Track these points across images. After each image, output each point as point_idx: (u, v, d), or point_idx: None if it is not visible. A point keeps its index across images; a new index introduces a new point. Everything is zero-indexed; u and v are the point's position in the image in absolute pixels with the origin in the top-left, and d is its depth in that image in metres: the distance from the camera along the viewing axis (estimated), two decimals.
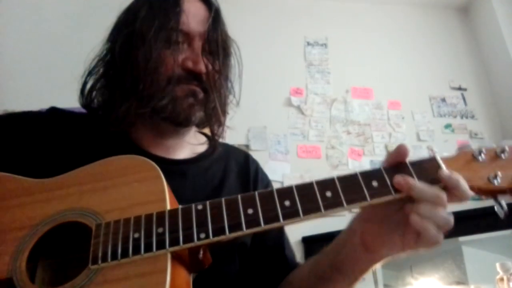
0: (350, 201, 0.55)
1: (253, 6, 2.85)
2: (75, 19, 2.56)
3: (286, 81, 2.72)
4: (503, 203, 0.56)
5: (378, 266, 0.65)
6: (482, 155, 0.58)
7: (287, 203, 0.55)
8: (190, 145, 0.84)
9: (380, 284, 1.93)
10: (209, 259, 0.58)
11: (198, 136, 0.89)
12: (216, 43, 0.76)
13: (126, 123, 0.74)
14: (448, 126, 2.74)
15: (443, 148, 2.65)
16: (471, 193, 0.55)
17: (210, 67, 0.75)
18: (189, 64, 0.73)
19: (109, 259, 0.53)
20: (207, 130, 0.89)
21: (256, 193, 0.57)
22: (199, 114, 0.75)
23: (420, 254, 0.60)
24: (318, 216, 0.55)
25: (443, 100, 2.83)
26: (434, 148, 2.65)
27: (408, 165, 0.58)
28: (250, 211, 0.55)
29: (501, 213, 0.56)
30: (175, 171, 0.76)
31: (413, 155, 0.56)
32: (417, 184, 0.55)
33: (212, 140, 0.86)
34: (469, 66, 2.96)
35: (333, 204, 0.55)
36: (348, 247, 0.65)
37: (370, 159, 2.57)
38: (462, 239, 2.12)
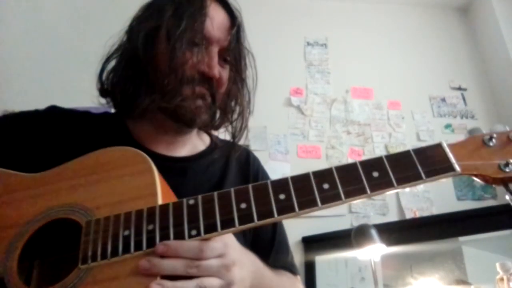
0: (348, 194, 0.51)
1: (253, 6, 2.85)
2: (75, 18, 2.56)
3: (286, 81, 2.72)
4: None
5: (378, 263, 0.62)
6: (493, 140, 0.53)
7: (282, 196, 0.52)
8: (191, 142, 0.85)
9: (380, 284, 1.93)
10: None
11: (200, 134, 0.90)
12: (237, 55, 0.79)
13: (146, 114, 0.76)
14: (448, 126, 2.74)
15: None
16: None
17: (222, 74, 0.77)
18: (204, 68, 0.74)
19: (99, 258, 0.51)
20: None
21: (250, 186, 0.54)
22: (204, 117, 0.76)
23: (420, 253, 0.58)
24: (315, 210, 0.51)
25: (443, 100, 2.83)
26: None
27: (412, 153, 0.53)
28: (243, 205, 0.52)
29: None
30: (176, 168, 0.76)
31: None
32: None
33: (214, 137, 0.87)
34: (469, 66, 2.96)
35: (331, 197, 0.51)
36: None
37: None
38: (462, 239, 2.12)
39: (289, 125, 2.60)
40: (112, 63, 0.82)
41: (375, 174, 0.52)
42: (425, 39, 2.99)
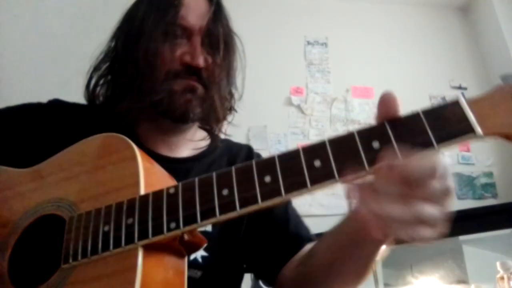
0: (343, 171, 0.41)
1: (253, 6, 2.85)
2: (76, 17, 2.56)
3: (286, 80, 2.72)
4: None
5: (379, 262, 0.60)
6: None
7: (267, 179, 0.44)
8: (192, 142, 0.83)
9: (380, 283, 1.93)
10: (201, 239, 0.52)
11: (201, 132, 0.88)
12: (217, 37, 0.74)
13: (129, 118, 0.73)
14: None
15: None
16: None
17: (210, 61, 0.73)
18: (187, 59, 0.71)
19: (79, 257, 0.48)
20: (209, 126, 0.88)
21: (233, 168, 0.46)
22: (198, 110, 0.73)
23: (421, 252, 0.54)
24: (303, 192, 0.43)
25: (443, 99, 2.83)
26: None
27: (421, 115, 0.43)
28: (225, 192, 0.45)
29: None
30: (179, 169, 0.74)
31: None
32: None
33: (216, 136, 0.85)
34: (469, 66, 2.96)
35: (322, 177, 0.42)
36: (350, 224, 0.57)
37: None
38: (462, 238, 2.12)
39: (289, 124, 2.61)
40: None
41: (376, 144, 0.42)
42: (425, 39, 2.99)
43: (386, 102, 0.46)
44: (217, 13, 0.76)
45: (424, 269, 2.12)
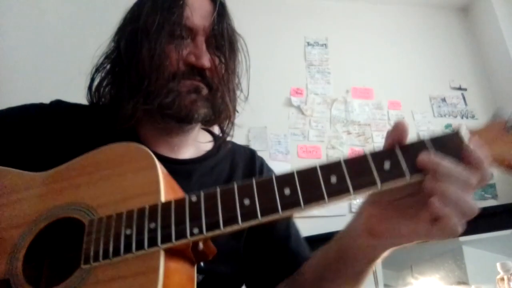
0: (357, 187, 0.47)
1: (253, 6, 2.85)
2: (76, 17, 2.56)
3: (286, 81, 2.72)
4: None
5: (379, 263, 0.61)
6: None
7: (287, 191, 0.49)
8: (196, 143, 0.83)
9: (380, 284, 1.93)
10: (213, 249, 0.55)
11: (203, 134, 0.88)
12: (222, 37, 0.75)
13: (134, 120, 0.73)
14: (448, 126, 2.74)
15: None
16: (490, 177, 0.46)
17: (216, 61, 0.74)
18: (192, 59, 0.72)
19: (100, 258, 0.50)
20: (212, 127, 0.88)
21: (254, 181, 0.51)
22: (203, 111, 0.73)
23: (421, 253, 0.56)
24: (321, 205, 0.48)
25: (444, 100, 2.83)
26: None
27: (426, 143, 0.48)
28: (246, 201, 0.50)
29: None
30: (181, 170, 0.75)
31: None
32: (444, 161, 0.46)
33: (219, 137, 0.85)
34: (469, 66, 2.96)
35: (338, 191, 0.48)
36: (352, 231, 0.58)
37: None
38: (462, 238, 2.12)
39: (289, 125, 2.60)
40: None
41: (387, 165, 0.48)
42: (425, 39, 2.99)
43: (398, 130, 0.50)
44: (221, 14, 0.76)
45: (424, 270, 2.12)
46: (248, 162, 0.87)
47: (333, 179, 0.48)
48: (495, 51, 2.86)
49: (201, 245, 0.53)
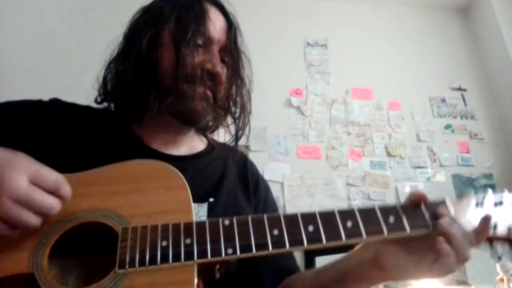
0: (369, 233, 0.59)
1: (253, 7, 2.85)
2: (76, 18, 2.56)
3: (286, 81, 2.72)
4: (499, 249, 0.62)
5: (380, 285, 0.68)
6: (484, 203, 0.64)
7: (310, 228, 0.58)
8: (189, 142, 0.86)
9: (380, 284, 1.93)
10: (223, 271, 0.59)
11: (198, 135, 0.91)
12: (232, 53, 0.81)
13: (148, 114, 0.77)
14: (448, 126, 2.74)
15: (443, 148, 2.66)
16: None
17: (225, 72, 0.79)
18: (209, 66, 0.77)
19: (136, 265, 0.53)
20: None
21: (281, 215, 0.59)
22: (208, 119, 0.79)
23: None
24: (338, 243, 0.58)
25: (443, 100, 2.83)
26: (434, 148, 2.65)
27: (423, 209, 0.62)
28: (275, 232, 0.57)
29: (495, 259, 0.62)
30: (175, 167, 0.76)
31: (412, 155, 0.58)
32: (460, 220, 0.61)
33: (209, 143, 0.89)
34: (469, 67, 2.96)
35: (353, 234, 0.58)
36: (358, 260, 0.67)
37: (370, 159, 2.57)
38: None
39: (289, 126, 2.60)
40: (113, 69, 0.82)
41: (391, 219, 0.61)
42: (425, 39, 3.00)
43: (420, 197, 0.63)
44: (235, 32, 0.83)
45: None
46: (241, 166, 0.91)
47: (349, 223, 0.59)
48: (494, 52, 2.86)
49: (218, 267, 0.58)
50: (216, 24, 0.80)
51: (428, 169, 2.58)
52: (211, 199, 0.75)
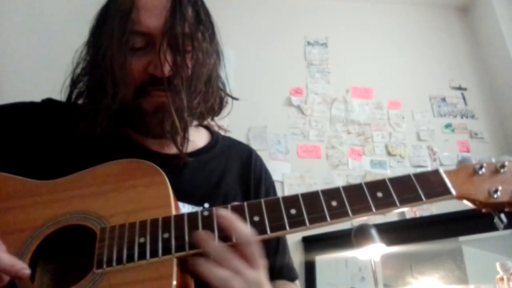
0: (355, 211, 0.56)
1: (253, 6, 2.85)
2: (76, 18, 2.56)
3: (286, 80, 2.72)
4: (503, 216, 0.57)
5: (378, 263, 0.65)
6: (483, 169, 0.59)
7: (293, 211, 0.55)
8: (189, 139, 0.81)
9: (380, 284, 1.93)
10: None
11: (200, 130, 0.86)
12: (181, 34, 0.67)
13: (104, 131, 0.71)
14: (448, 125, 2.74)
15: (443, 147, 2.66)
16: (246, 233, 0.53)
17: (178, 62, 0.67)
18: (151, 69, 0.67)
19: (114, 264, 0.52)
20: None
21: (262, 200, 0.56)
22: (173, 125, 0.70)
23: (420, 253, 0.60)
24: (323, 225, 0.56)
25: (443, 99, 2.83)
26: (434, 147, 2.65)
27: (412, 177, 0.58)
28: (256, 218, 0.55)
29: (499, 226, 0.57)
30: (171, 166, 0.72)
31: (413, 155, 0.55)
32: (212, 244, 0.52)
33: (211, 133, 0.85)
34: (469, 66, 2.96)
35: (339, 214, 0.56)
36: None
37: (370, 158, 2.57)
38: (462, 238, 2.12)
39: (289, 125, 2.60)
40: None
41: (379, 194, 0.56)
42: (425, 39, 2.99)
43: None
44: (177, 7, 0.67)
45: (424, 269, 2.12)
46: (245, 160, 0.85)
47: (334, 203, 0.57)
48: (495, 51, 2.86)
49: None
50: (149, 11, 0.66)
51: (428, 168, 2.58)
52: (206, 204, 0.72)
